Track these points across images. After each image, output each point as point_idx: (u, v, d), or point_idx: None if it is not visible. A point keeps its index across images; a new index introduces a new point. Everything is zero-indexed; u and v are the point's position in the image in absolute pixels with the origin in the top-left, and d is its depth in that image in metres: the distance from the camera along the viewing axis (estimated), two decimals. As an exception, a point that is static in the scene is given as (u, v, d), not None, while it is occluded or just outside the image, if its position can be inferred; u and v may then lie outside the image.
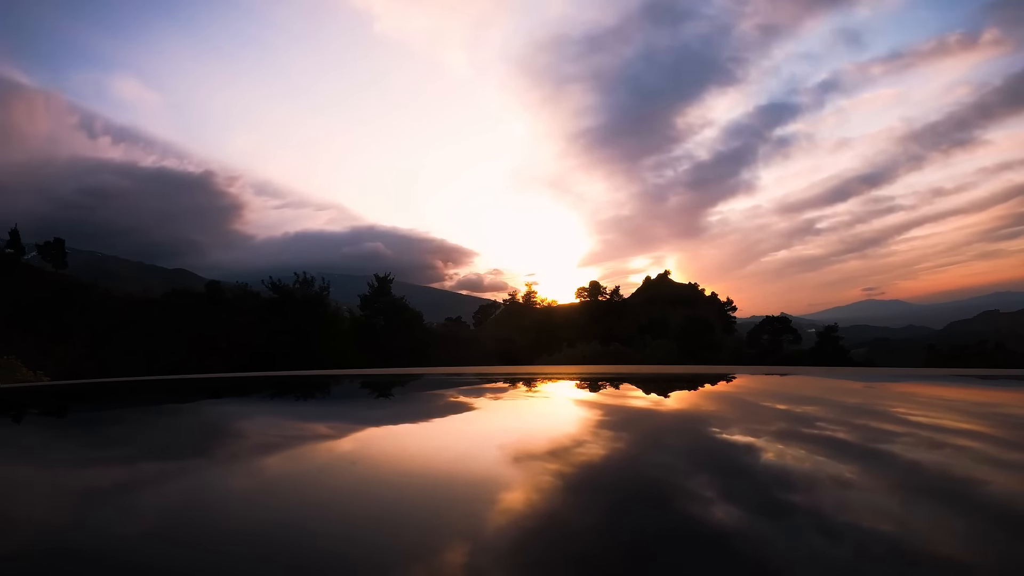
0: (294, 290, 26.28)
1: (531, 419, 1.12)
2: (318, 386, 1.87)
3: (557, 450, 0.75)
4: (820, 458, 0.68)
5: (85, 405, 1.45)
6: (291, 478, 0.62)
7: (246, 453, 0.79)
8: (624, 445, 0.80)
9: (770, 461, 0.67)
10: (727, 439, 0.82)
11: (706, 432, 0.91)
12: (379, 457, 0.74)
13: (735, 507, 0.50)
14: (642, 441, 0.83)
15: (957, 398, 1.39)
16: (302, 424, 1.08)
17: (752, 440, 0.80)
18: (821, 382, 1.77)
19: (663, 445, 0.82)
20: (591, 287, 45.12)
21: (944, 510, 0.50)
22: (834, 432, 0.87)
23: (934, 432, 0.88)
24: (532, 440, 0.85)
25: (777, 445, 0.76)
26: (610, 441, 0.83)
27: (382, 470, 0.66)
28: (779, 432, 0.86)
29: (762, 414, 1.07)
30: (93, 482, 0.63)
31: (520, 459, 0.70)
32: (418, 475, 0.63)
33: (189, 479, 0.63)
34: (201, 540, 0.44)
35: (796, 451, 0.72)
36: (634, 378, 2.03)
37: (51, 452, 0.81)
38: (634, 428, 0.96)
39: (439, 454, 0.75)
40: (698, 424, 1.01)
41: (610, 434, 0.90)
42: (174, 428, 1.04)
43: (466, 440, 0.88)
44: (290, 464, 0.70)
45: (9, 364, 10.71)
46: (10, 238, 29.85)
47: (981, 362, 29.72)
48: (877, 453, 0.72)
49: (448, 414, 1.19)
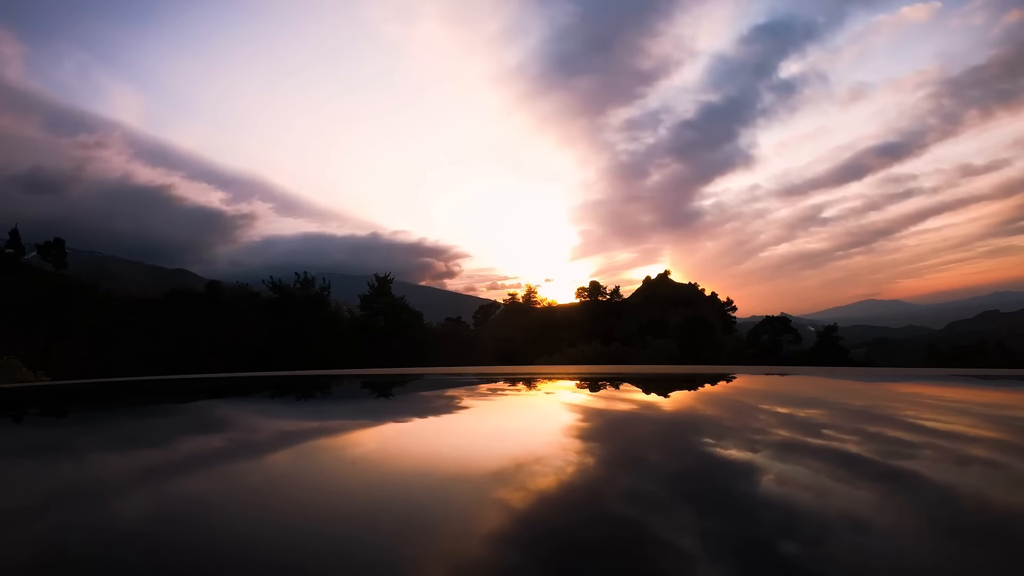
0: (294, 290, 26.27)
1: (531, 419, 1.12)
2: (318, 386, 1.87)
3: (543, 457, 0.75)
4: (830, 482, 0.58)
5: (85, 405, 1.44)
6: (291, 478, 0.62)
7: (246, 453, 0.79)
8: (604, 469, 0.67)
9: (771, 490, 0.55)
10: (722, 456, 0.71)
11: (700, 447, 0.79)
12: (379, 457, 0.74)
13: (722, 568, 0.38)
14: (626, 461, 0.72)
15: (965, 399, 1.37)
16: (302, 424, 1.08)
17: (751, 457, 0.70)
18: (823, 383, 1.77)
19: (647, 467, 0.68)
20: (591, 287, 45.13)
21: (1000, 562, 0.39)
22: (843, 443, 0.77)
23: (955, 442, 0.79)
24: (531, 440, 0.85)
25: (779, 464, 0.66)
26: (591, 458, 0.73)
27: (382, 470, 0.66)
28: (782, 445, 0.77)
29: (762, 421, 0.99)
30: (93, 482, 0.62)
31: (520, 459, 0.70)
32: (418, 475, 0.63)
33: (189, 479, 0.63)
34: (201, 540, 0.44)
35: (802, 472, 0.62)
36: (634, 378, 2.03)
37: (51, 452, 0.81)
38: (622, 440, 0.87)
39: (439, 454, 0.75)
40: (692, 435, 0.90)
41: (595, 447, 0.83)
42: (174, 428, 1.04)
43: (466, 440, 0.87)
44: (290, 464, 0.70)
45: (9, 364, 10.70)
46: (10, 238, 29.85)
47: (981, 362, 29.72)
48: (898, 474, 0.61)
49: (448, 414, 1.19)
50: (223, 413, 1.28)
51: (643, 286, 53.85)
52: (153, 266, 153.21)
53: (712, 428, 0.95)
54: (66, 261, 32.36)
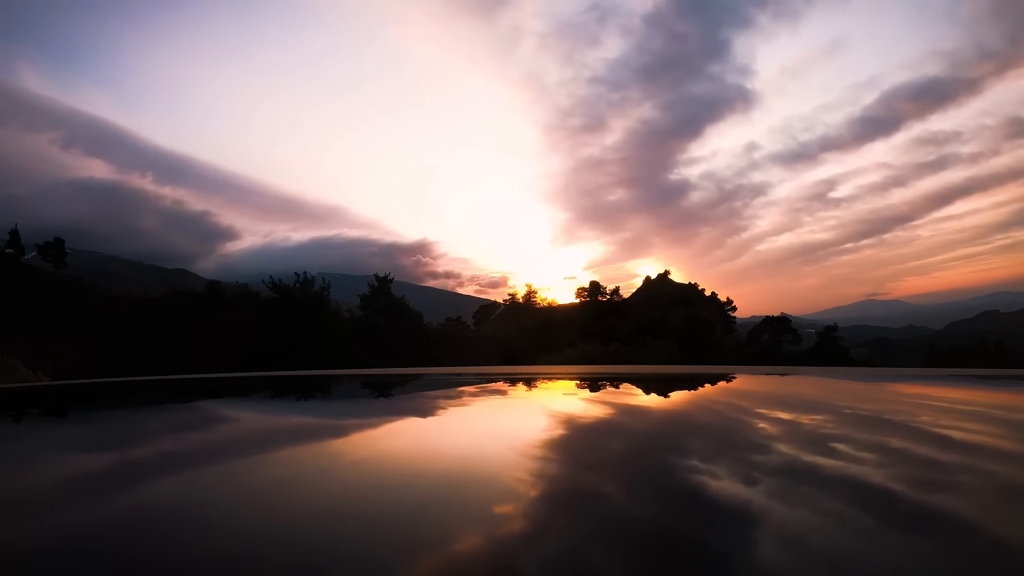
0: (294, 290, 26.28)
1: (530, 420, 1.12)
2: (318, 386, 1.87)
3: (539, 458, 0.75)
4: (855, 541, 0.41)
5: (85, 405, 1.44)
6: (291, 478, 0.62)
7: (245, 453, 0.79)
8: (604, 469, 0.63)
9: (772, 556, 0.39)
10: (711, 497, 0.53)
11: (686, 481, 0.59)
12: (379, 457, 0.74)
13: None
14: (621, 465, 0.65)
15: (978, 401, 1.33)
16: (302, 424, 1.08)
17: (746, 497, 0.51)
18: (825, 383, 1.76)
19: (621, 520, 0.48)
20: (591, 287, 45.16)
21: None
22: (861, 465, 0.62)
23: (995, 461, 0.66)
24: (531, 440, 0.84)
25: (784, 508, 0.49)
26: (590, 458, 0.69)
27: (382, 470, 0.66)
28: (787, 471, 0.61)
29: (763, 436, 0.84)
30: (93, 482, 0.62)
31: (520, 459, 0.70)
32: (418, 475, 0.63)
33: (189, 479, 0.63)
34: (201, 540, 0.44)
35: (813, 521, 0.45)
36: (633, 379, 2.03)
37: (51, 452, 0.81)
38: (622, 442, 0.84)
39: (439, 454, 0.75)
40: (680, 460, 0.70)
41: (595, 447, 0.82)
42: (174, 428, 1.03)
43: (466, 440, 0.87)
44: (290, 464, 0.70)
45: (9, 364, 10.70)
46: (10, 238, 29.85)
47: (981, 362, 29.72)
48: (940, 516, 0.46)
49: (447, 414, 1.19)
50: (223, 413, 1.28)
51: (643, 286, 53.96)
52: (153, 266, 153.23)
53: (706, 448, 0.77)
54: (66, 261, 32.37)
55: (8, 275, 22.99)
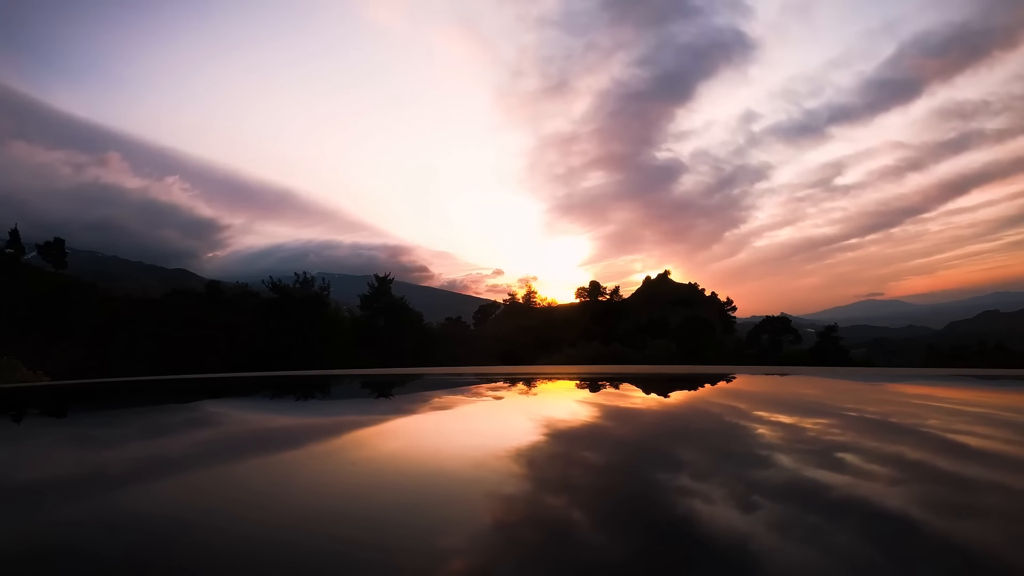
0: (294, 290, 26.29)
1: (530, 420, 1.12)
2: (318, 386, 1.87)
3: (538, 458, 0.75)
4: None
5: (85, 405, 1.44)
6: (290, 478, 0.62)
7: (245, 453, 0.79)
8: (603, 470, 0.61)
9: None
10: (703, 524, 0.45)
11: (681, 500, 0.52)
12: (379, 457, 0.74)
13: None
14: (620, 473, 0.62)
15: (983, 402, 1.30)
16: (302, 424, 1.08)
17: (743, 529, 0.43)
18: (826, 383, 1.75)
19: (621, 519, 0.48)
20: (591, 287, 45.15)
21: None
22: (873, 482, 0.53)
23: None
24: (531, 440, 0.84)
25: (788, 548, 0.39)
26: (590, 458, 0.68)
27: (382, 470, 0.66)
28: (792, 493, 0.52)
29: (763, 445, 0.76)
30: (92, 482, 0.62)
31: (520, 459, 0.70)
32: (418, 475, 0.63)
33: (188, 479, 0.63)
34: (200, 540, 0.44)
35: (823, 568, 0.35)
36: (633, 379, 2.02)
37: (50, 452, 0.81)
38: (620, 443, 0.84)
39: (438, 454, 0.75)
40: (676, 474, 0.63)
41: (594, 448, 0.83)
42: (174, 428, 1.03)
43: (466, 440, 0.87)
44: (289, 464, 0.70)
45: (9, 364, 10.70)
46: (10, 238, 29.83)
47: (981, 362, 29.71)
48: (975, 552, 0.36)
49: (447, 414, 1.19)
50: (223, 413, 1.28)
51: (643, 286, 53.96)
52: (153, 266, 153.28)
53: (702, 460, 0.69)
54: (66, 261, 32.35)
55: (8, 275, 22.98)
